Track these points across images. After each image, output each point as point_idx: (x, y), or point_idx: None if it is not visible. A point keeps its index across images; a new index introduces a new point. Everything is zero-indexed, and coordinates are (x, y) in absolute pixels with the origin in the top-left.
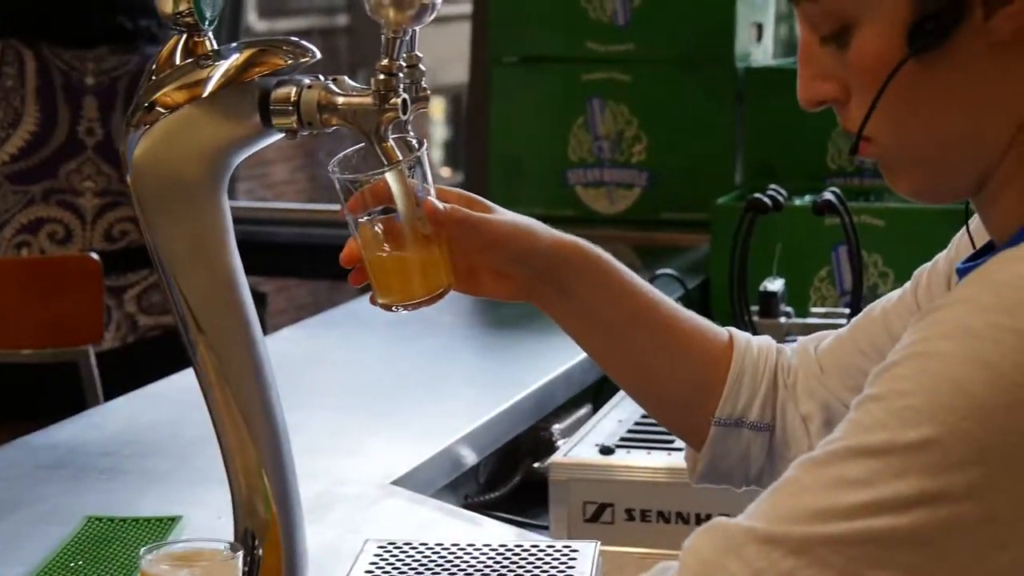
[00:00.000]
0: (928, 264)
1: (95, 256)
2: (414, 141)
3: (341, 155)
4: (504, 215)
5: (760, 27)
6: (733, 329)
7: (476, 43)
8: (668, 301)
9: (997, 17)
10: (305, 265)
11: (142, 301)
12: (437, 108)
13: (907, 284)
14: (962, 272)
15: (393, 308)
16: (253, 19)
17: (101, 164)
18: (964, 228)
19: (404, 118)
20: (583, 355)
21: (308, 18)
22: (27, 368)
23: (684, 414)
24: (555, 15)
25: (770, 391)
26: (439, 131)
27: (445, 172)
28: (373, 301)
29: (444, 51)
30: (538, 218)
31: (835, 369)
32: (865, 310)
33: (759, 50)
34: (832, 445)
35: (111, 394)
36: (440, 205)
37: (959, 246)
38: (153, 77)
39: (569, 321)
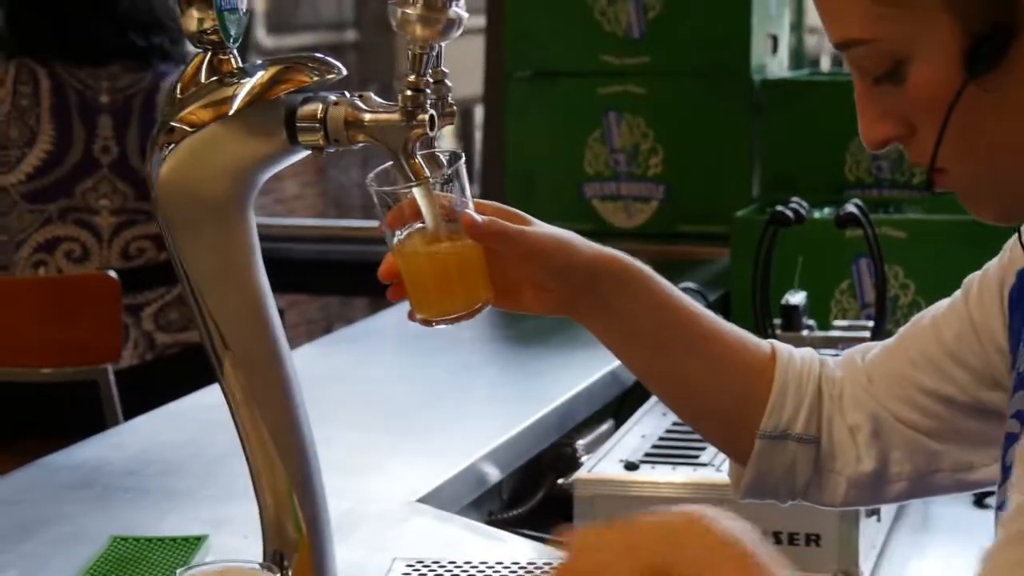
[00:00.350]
0: (978, 272)
1: (113, 275)
2: (444, 157)
3: (379, 169)
4: (542, 227)
5: (775, 39)
6: (775, 342)
7: (490, 57)
8: (708, 314)
9: None
10: (317, 281)
11: (160, 319)
12: None
13: (956, 293)
14: None
15: (432, 323)
16: (261, 35)
17: (117, 182)
18: (1016, 234)
19: (431, 134)
20: (604, 370)
21: (316, 34)
22: (46, 387)
23: (727, 427)
24: (569, 29)
25: (815, 403)
26: (449, 145)
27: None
28: (411, 317)
29: (453, 64)
30: None
31: (884, 379)
32: (913, 320)
33: (774, 62)
34: None
35: (130, 412)
36: (478, 218)
37: (1011, 252)
38: (177, 96)
39: (609, 335)
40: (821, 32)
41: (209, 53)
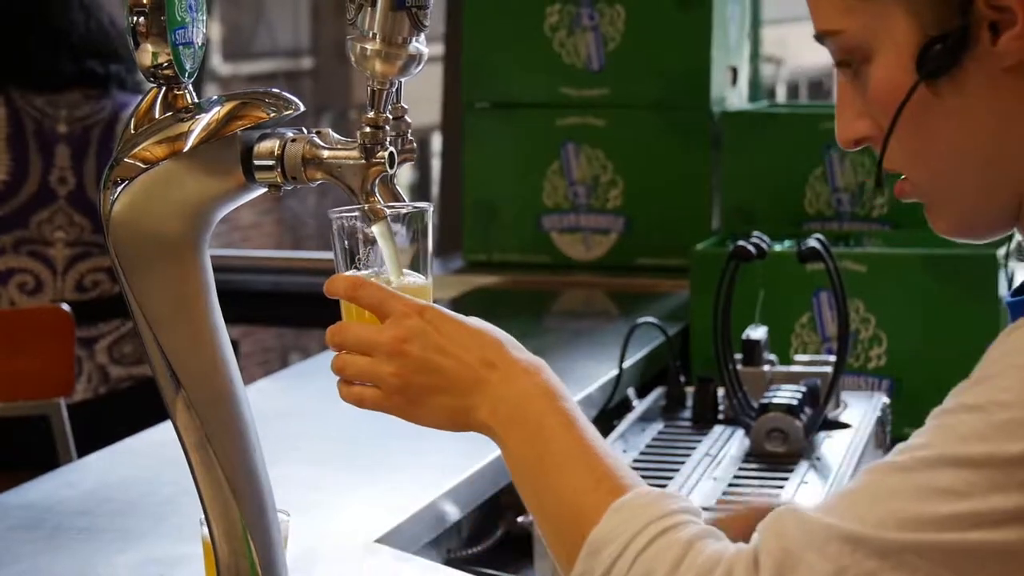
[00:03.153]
0: None
1: (67, 308)
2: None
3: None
4: None
5: (735, 71)
6: None
7: (448, 87)
8: None
9: (1003, 40)
10: (272, 312)
11: (113, 352)
12: None
13: None
14: (1012, 306)
15: None
16: (217, 62)
17: (73, 214)
18: None
19: (390, 172)
20: None
21: (272, 61)
22: None
23: None
24: (528, 60)
25: None
26: (406, 174)
27: None
28: None
29: (411, 92)
30: (513, 264)
31: None
32: None
33: (734, 94)
34: (920, 452)
35: (83, 446)
36: None
37: None
38: (131, 131)
39: None
40: (777, 62)
41: (164, 88)
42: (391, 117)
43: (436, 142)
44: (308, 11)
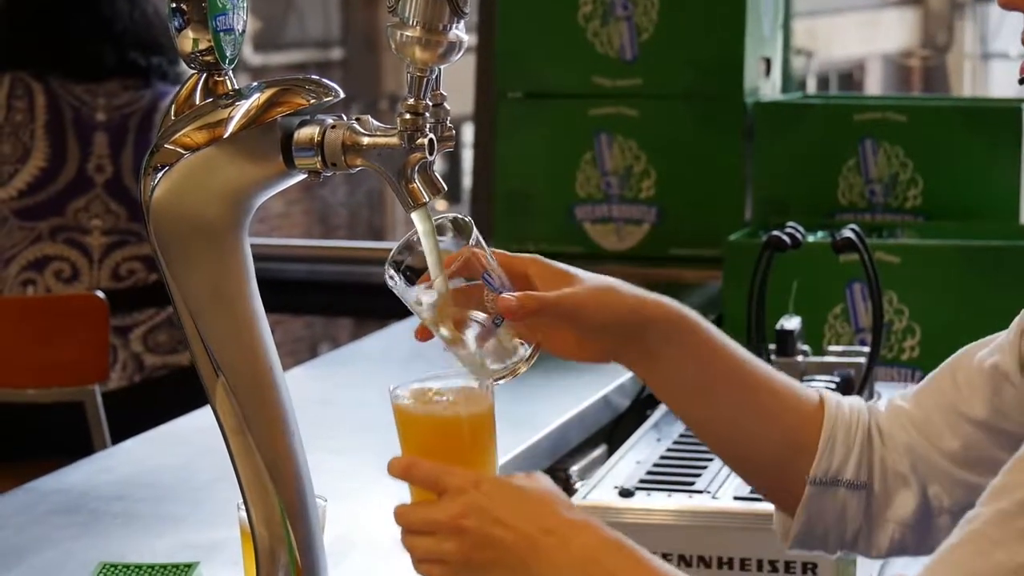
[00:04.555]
0: None
1: (101, 295)
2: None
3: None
4: (582, 285)
5: (768, 62)
6: (824, 390)
7: (481, 77)
8: (756, 361)
9: None
10: (303, 301)
11: (148, 340)
12: None
13: (1005, 333)
14: None
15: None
16: (248, 52)
17: (110, 202)
18: None
19: (430, 159)
20: (597, 395)
21: (303, 51)
22: (32, 408)
23: (775, 475)
24: (562, 49)
25: (865, 449)
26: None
27: (440, 206)
28: None
29: (443, 83)
30: (544, 254)
31: (935, 411)
32: (956, 354)
33: (768, 85)
34: (1015, 493)
35: (118, 434)
36: (511, 298)
37: None
38: (172, 117)
39: (656, 383)
40: (807, 54)
41: (204, 74)
42: (431, 104)
43: (468, 132)
44: (338, 1)
